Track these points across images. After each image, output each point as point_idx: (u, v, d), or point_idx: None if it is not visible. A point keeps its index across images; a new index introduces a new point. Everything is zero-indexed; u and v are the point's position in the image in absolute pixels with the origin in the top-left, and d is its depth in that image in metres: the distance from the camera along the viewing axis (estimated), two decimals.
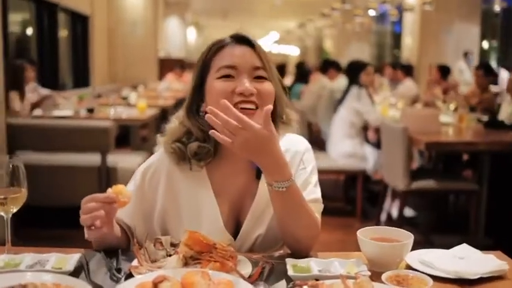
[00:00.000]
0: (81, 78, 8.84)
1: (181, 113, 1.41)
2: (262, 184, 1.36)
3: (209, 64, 1.36)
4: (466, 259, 1.28)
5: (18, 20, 7.25)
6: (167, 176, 1.41)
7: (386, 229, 1.32)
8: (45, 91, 5.82)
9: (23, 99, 4.89)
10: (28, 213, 3.93)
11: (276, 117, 1.39)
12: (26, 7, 7.14)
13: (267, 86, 1.34)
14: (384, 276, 1.13)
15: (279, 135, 1.41)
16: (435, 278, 1.16)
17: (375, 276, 1.15)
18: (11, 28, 6.59)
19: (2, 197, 1.22)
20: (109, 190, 1.20)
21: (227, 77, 1.32)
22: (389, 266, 1.21)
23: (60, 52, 7.91)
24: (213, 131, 1.20)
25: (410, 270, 1.18)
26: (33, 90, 5.38)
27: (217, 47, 1.37)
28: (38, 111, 5.05)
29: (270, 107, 1.20)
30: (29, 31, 7.36)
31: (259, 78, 1.34)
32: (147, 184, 1.42)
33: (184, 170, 1.39)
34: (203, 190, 1.40)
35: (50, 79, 7.30)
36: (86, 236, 1.26)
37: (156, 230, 1.41)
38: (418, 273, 1.17)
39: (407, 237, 1.25)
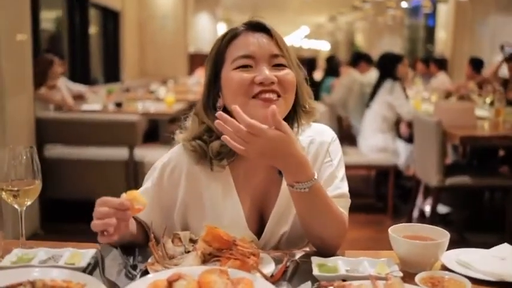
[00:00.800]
0: (112, 74, 8.92)
1: (199, 109, 1.34)
2: None
3: (223, 55, 1.28)
4: (508, 260, 1.18)
5: (51, 17, 7.33)
6: (187, 171, 1.34)
7: (420, 226, 1.24)
8: (78, 87, 5.87)
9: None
10: (56, 206, 3.98)
11: (297, 106, 1.32)
12: (59, 4, 7.21)
13: (288, 74, 1.26)
14: (417, 278, 1.06)
15: (303, 125, 1.34)
16: (474, 281, 1.08)
17: (408, 277, 1.08)
18: (44, 25, 6.66)
19: (15, 189, 1.18)
20: (123, 195, 1.12)
21: (244, 67, 1.25)
22: (423, 266, 1.13)
23: (92, 48, 7.99)
24: (224, 136, 1.11)
25: (446, 272, 1.11)
26: (64, 86, 5.41)
27: (230, 36, 1.28)
28: None
29: (275, 107, 1.11)
30: (61, 27, 7.44)
31: (278, 66, 1.26)
32: (166, 180, 1.35)
33: (205, 167, 1.33)
34: (225, 186, 1.33)
35: (81, 75, 7.38)
36: (98, 240, 1.19)
37: (176, 225, 1.36)
38: (455, 274, 1.09)
39: (443, 235, 1.17)
